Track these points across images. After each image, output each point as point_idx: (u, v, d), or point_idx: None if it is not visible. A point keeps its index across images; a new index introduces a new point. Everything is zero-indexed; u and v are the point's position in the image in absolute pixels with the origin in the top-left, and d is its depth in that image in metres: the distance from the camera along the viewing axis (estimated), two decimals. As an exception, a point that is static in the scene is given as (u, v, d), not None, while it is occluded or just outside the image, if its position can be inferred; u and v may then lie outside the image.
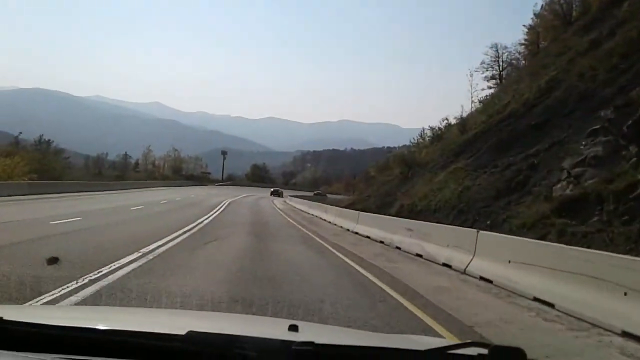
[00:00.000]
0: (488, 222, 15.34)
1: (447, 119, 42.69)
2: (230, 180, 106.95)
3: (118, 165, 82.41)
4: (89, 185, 39.21)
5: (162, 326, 1.71)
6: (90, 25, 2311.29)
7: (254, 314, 4.93)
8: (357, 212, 18.63)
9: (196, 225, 15.76)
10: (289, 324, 1.66)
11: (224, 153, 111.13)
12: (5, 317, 1.36)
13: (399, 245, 12.61)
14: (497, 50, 51.58)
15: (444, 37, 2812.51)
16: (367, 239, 15.17)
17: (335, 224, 20.55)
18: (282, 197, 56.82)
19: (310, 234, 16.72)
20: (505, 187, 16.80)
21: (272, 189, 76.03)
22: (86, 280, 6.23)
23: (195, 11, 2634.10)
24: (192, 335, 1.31)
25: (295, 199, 44.77)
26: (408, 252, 11.76)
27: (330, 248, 12.64)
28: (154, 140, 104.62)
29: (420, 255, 11.04)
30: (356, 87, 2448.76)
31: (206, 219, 18.71)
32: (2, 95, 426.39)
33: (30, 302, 4.99)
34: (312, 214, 26.96)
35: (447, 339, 3.54)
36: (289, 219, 23.50)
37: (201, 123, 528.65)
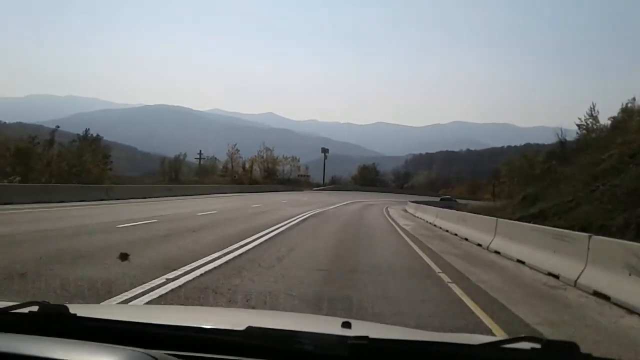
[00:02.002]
0: None
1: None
2: (334, 184, 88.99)
3: (202, 168, 70.13)
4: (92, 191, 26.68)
5: (222, 322, 1.76)
6: (209, 45, 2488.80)
7: None
8: None
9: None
10: (342, 321, 1.65)
11: (324, 151, 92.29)
12: (79, 314, 1.44)
13: None
14: None
15: (562, 24, 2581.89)
16: None
17: None
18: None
19: None
20: None
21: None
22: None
23: (305, 23, 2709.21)
24: (251, 331, 1.34)
25: (425, 206, 26.72)
26: None
27: None
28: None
29: None
30: (466, 87, 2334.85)
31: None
32: (131, 112, 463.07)
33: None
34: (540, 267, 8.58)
35: (500, 336, 2.66)
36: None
37: (312, 130, 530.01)
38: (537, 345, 1.29)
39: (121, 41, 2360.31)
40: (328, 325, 1.97)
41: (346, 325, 1.62)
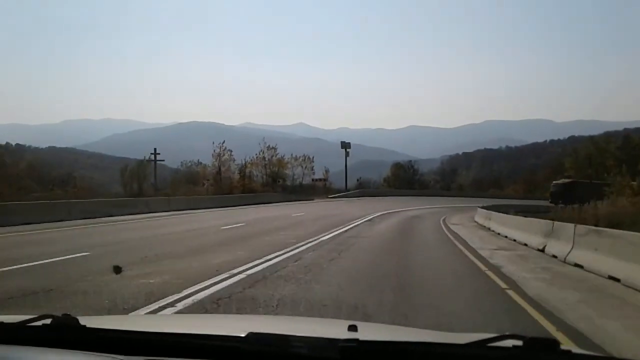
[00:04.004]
0: None
1: None
2: (361, 189, 71.87)
3: (181, 175, 55.33)
4: None
5: (225, 329, 1.78)
6: (239, 61, 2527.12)
7: None
8: None
9: None
10: (349, 324, 1.67)
11: (345, 146, 74.55)
12: (88, 325, 1.50)
13: None
14: None
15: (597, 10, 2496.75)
16: None
17: None
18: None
19: None
20: None
21: None
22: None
23: (329, 31, 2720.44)
24: (251, 337, 1.40)
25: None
26: None
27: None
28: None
29: None
30: (497, 86, 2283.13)
31: None
32: (164, 130, 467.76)
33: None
34: None
35: (487, 333, 2.01)
36: None
37: (343, 138, 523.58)
38: (519, 343, 1.33)
39: (153, 63, 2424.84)
40: (332, 329, 1.96)
41: (352, 328, 1.60)
